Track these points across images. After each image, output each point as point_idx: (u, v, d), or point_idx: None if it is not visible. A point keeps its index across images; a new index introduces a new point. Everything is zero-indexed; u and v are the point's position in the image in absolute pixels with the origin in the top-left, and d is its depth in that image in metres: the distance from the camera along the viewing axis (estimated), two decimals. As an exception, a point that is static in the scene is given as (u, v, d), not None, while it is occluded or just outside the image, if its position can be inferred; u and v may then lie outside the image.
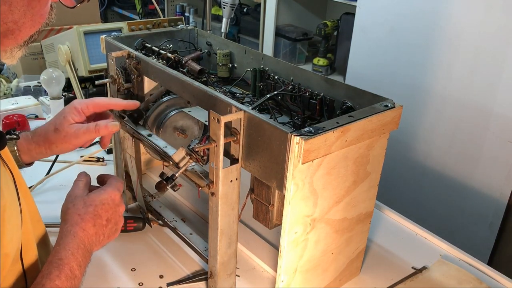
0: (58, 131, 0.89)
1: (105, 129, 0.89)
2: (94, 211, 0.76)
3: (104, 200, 0.78)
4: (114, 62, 1.01)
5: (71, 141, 0.89)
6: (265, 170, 0.77)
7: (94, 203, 0.77)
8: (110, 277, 0.96)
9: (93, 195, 0.79)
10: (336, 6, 2.64)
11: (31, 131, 0.93)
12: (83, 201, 0.77)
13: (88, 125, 0.89)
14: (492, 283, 1.00)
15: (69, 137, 0.88)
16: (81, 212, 0.75)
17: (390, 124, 0.83)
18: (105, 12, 4.25)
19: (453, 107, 1.82)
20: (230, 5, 1.81)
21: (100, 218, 0.76)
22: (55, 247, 0.71)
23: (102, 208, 0.77)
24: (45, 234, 0.79)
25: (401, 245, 1.11)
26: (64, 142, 0.89)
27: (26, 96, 1.62)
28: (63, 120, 0.89)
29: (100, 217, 0.76)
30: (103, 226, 0.77)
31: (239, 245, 1.00)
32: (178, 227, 1.03)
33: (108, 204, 0.79)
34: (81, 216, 0.75)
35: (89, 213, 0.75)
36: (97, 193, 0.79)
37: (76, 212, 0.75)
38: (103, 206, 0.78)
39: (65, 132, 0.88)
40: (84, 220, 0.75)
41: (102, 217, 0.77)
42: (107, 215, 0.78)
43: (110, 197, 0.79)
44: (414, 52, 1.92)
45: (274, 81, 1.02)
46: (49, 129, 0.90)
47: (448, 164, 1.89)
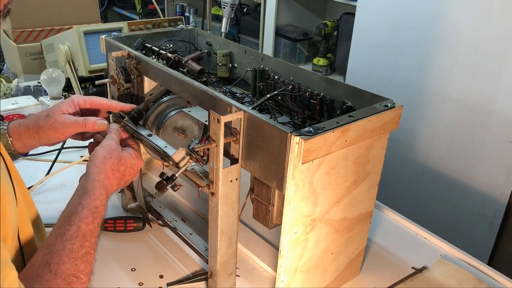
0: (49, 117, 0.91)
1: (92, 125, 0.90)
2: (123, 171, 0.83)
3: (133, 165, 0.86)
4: (114, 62, 1.01)
5: (58, 129, 0.90)
6: (265, 170, 0.77)
7: (125, 164, 0.84)
8: (110, 277, 0.96)
9: (126, 155, 0.86)
10: (336, 6, 2.64)
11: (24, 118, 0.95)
12: (119, 158, 0.84)
13: (77, 118, 0.91)
14: (492, 283, 1.00)
15: (57, 124, 0.90)
16: (114, 168, 0.82)
17: (390, 124, 0.83)
18: (105, 12, 4.24)
19: (453, 107, 1.82)
20: (230, 5, 1.81)
21: (123, 179, 0.84)
22: (87, 192, 0.76)
23: (129, 172, 0.85)
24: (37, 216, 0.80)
25: (401, 245, 1.11)
26: (51, 128, 0.90)
27: (26, 96, 1.62)
28: (57, 109, 0.92)
29: (124, 178, 0.84)
30: (122, 185, 0.85)
31: (239, 245, 1.00)
32: (178, 227, 1.03)
33: (133, 169, 0.86)
34: (113, 172, 0.81)
35: (120, 171, 0.82)
36: (129, 156, 0.86)
37: (111, 166, 0.81)
38: (130, 170, 0.85)
39: (55, 119, 0.90)
40: (115, 177, 0.81)
41: (126, 178, 0.84)
42: (129, 178, 0.85)
43: (137, 163, 0.87)
44: (414, 52, 1.92)
45: (274, 81, 1.02)
46: (42, 114, 0.92)
47: (448, 164, 1.89)
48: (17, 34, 1.90)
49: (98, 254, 1.00)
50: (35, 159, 1.35)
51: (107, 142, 0.85)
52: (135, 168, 0.86)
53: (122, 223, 1.07)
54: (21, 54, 1.89)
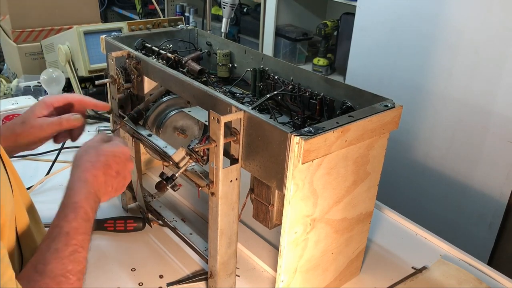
0: (25, 123, 0.90)
1: (67, 122, 0.90)
2: (105, 161, 0.78)
3: (116, 152, 0.80)
4: (114, 62, 1.01)
5: (36, 133, 0.89)
6: (265, 170, 0.77)
7: (106, 153, 0.79)
8: (110, 277, 0.96)
9: (106, 145, 0.81)
10: (336, 6, 2.64)
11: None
12: (95, 150, 0.79)
13: (52, 118, 0.90)
14: (492, 283, 1.00)
15: (34, 129, 0.89)
16: (93, 160, 0.77)
17: (390, 124, 0.83)
18: (105, 12, 4.24)
19: (453, 107, 1.82)
20: (230, 5, 1.81)
21: (110, 169, 0.78)
22: (67, 192, 0.72)
23: (113, 160, 0.79)
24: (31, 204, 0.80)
25: (401, 245, 1.11)
26: (29, 134, 0.89)
27: (26, 96, 1.62)
28: (31, 114, 0.91)
29: (110, 167, 0.78)
30: (113, 177, 0.78)
31: (239, 245, 1.00)
32: (178, 227, 1.03)
33: (119, 157, 0.80)
34: (92, 163, 0.76)
35: (101, 162, 0.77)
36: (110, 145, 0.81)
37: (88, 159, 0.77)
38: (114, 158, 0.79)
39: (31, 124, 0.89)
40: (95, 167, 0.76)
41: (112, 168, 0.78)
42: (117, 168, 0.79)
43: (122, 151, 0.81)
44: (414, 52, 1.92)
45: (274, 81, 1.02)
46: (17, 122, 0.91)
47: (448, 164, 1.89)
48: (17, 34, 1.90)
49: (98, 254, 1.01)
50: (35, 159, 1.35)
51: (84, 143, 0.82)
52: (120, 156, 0.80)
53: (122, 223, 1.07)
54: (21, 54, 1.89)
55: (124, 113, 1.04)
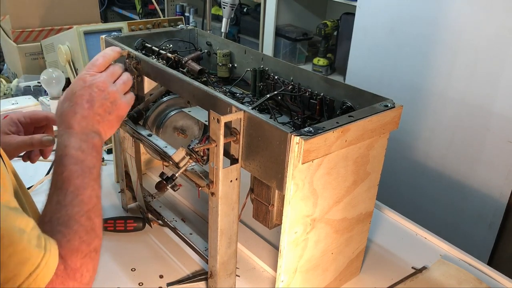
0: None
1: (39, 143, 0.87)
2: (69, 103, 0.75)
3: (72, 89, 0.76)
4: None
5: (6, 151, 0.85)
6: (265, 170, 0.77)
7: (66, 98, 0.75)
8: (110, 277, 0.96)
9: (77, 80, 0.78)
10: (336, 6, 2.64)
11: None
12: (71, 89, 0.77)
13: (23, 137, 0.88)
14: (492, 283, 1.00)
15: (4, 146, 0.86)
16: (68, 98, 0.75)
17: (390, 124, 0.83)
18: (105, 12, 4.24)
19: (453, 107, 1.82)
20: (230, 5, 1.81)
21: (78, 105, 0.74)
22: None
23: (75, 96, 0.75)
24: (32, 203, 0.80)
25: (401, 245, 1.11)
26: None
27: (26, 96, 1.63)
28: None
29: (77, 104, 0.74)
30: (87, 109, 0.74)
31: (239, 245, 1.00)
32: (178, 227, 1.03)
33: (79, 89, 0.76)
34: (60, 115, 0.74)
35: (66, 108, 0.74)
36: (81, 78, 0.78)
37: (64, 100, 0.75)
38: (75, 94, 0.75)
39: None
40: (64, 117, 0.74)
41: (80, 102, 0.74)
42: (85, 98, 0.75)
43: (76, 84, 0.77)
44: (414, 52, 1.92)
45: (274, 81, 1.02)
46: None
47: (448, 164, 1.89)
48: (17, 34, 1.90)
49: (98, 254, 1.01)
50: (35, 159, 1.35)
51: None
52: (100, 85, 0.76)
53: (122, 223, 1.07)
54: (21, 54, 1.89)
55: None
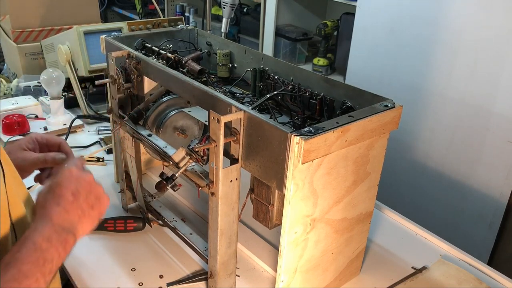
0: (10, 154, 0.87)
1: (52, 160, 0.90)
2: (53, 194, 0.74)
3: (58, 181, 0.76)
4: (114, 62, 1.01)
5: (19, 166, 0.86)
6: (265, 170, 0.77)
7: (51, 189, 0.75)
8: (110, 277, 0.96)
9: (49, 183, 0.77)
10: (336, 6, 2.64)
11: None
12: (46, 192, 0.76)
13: (38, 154, 0.92)
14: (492, 283, 1.00)
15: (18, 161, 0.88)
16: (42, 202, 0.74)
17: (390, 124, 0.83)
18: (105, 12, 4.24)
19: (453, 107, 1.82)
20: (230, 5, 1.81)
21: (62, 197, 0.74)
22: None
23: (60, 188, 0.75)
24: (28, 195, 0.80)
25: (401, 245, 1.11)
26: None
27: (26, 96, 1.62)
28: (17, 146, 0.92)
29: (61, 196, 0.74)
30: (71, 202, 0.74)
31: (239, 245, 1.00)
32: (178, 227, 1.03)
33: (65, 181, 0.76)
34: (42, 204, 0.74)
35: (49, 198, 0.74)
36: (54, 177, 0.78)
37: (39, 205, 0.74)
38: (61, 186, 0.75)
39: (16, 156, 0.89)
40: (46, 206, 0.73)
41: (64, 194, 0.74)
42: (71, 190, 0.75)
43: (64, 174, 0.77)
44: (414, 52, 1.92)
45: (274, 81, 1.02)
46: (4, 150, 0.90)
47: (448, 164, 1.89)
48: (17, 34, 1.90)
49: (98, 254, 1.01)
50: (35, 159, 1.35)
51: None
52: (87, 178, 0.77)
53: (122, 223, 1.07)
54: (21, 54, 1.89)
55: (124, 113, 1.04)
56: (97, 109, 1.64)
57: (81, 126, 1.54)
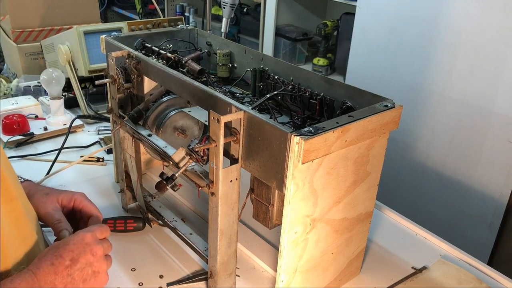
0: (47, 195, 0.88)
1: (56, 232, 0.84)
2: (54, 252, 0.72)
3: (68, 240, 0.74)
4: (114, 62, 1.01)
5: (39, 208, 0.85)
6: (265, 170, 0.77)
7: (57, 245, 0.73)
8: (110, 277, 0.95)
9: (61, 241, 0.75)
10: (336, 6, 2.64)
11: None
12: (49, 248, 0.74)
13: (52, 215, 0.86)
14: (492, 283, 1.00)
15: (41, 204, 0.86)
16: (41, 255, 0.72)
17: (390, 124, 0.83)
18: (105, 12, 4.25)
19: (453, 107, 1.82)
20: (230, 5, 1.81)
21: (60, 258, 0.71)
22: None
23: (64, 249, 0.73)
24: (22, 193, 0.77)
25: (401, 245, 1.11)
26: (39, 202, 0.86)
27: (26, 96, 1.62)
28: (57, 194, 0.89)
29: (60, 256, 0.72)
30: (66, 266, 0.71)
31: (239, 245, 1.00)
32: (178, 227, 1.03)
33: (73, 244, 0.74)
34: (40, 257, 0.71)
35: (49, 254, 0.72)
36: (66, 236, 0.76)
37: (39, 256, 0.72)
38: (66, 247, 0.73)
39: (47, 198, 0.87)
40: (41, 259, 0.71)
41: (64, 257, 0.72)
42: (72, 255, 0.73)
43: (76, 237, 0.75)
44: (414, 52, 1.92)
45: (274, 81, 1.02)
46: (44, 190, 0.90)
47: (448, 164, 1.89)
48: (17, 34, 1.90)
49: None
50: (35, 159, 1.35)
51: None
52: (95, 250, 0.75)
53: (122, 223, 1.07)
54: (21, 54, 1.89)
55: (124, 113, 1.04)
56: (97, 109, 1.64)
57: (81, 126, 1.54)
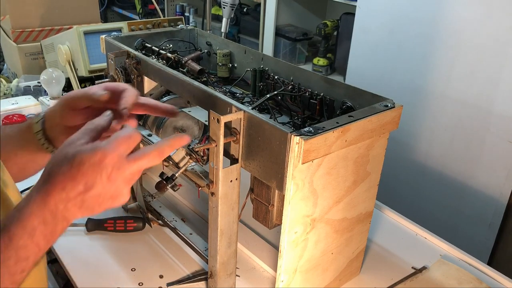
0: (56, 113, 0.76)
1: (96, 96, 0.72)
2: (68, 172, 0.58)
3: (84, 160, 0.58)
4: (114, 62, 1.01)
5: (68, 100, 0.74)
6: (265, 170, 0.77)
7: (70, 163, 0.59)
8: (110, 277, 0.96)
9: (76, 149, 0.60)
10: (336, 6, 2.64)
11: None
12: (61, 157, 0.60)
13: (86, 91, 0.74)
14: (492, 283, 1.00)
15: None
16: (52, 171, 0.59)
17: (390, 124, 0.83)
18: (105, 12, 4.25)
19: (453, 107, 1.82)
20: (230, 5, 1.81)
21: (73, 181, 0.58)
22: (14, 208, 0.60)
23: (78, 170, 0.58)
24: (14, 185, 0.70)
25: (401, 245, 1.11)
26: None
27: (26, 96, 1.62)
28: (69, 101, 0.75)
29: (73, 179, 0.58)
30: (80, 192, 0.58)
31: (239, 245, 1.00)
32: (178, 227, 1.03)
33: (89, 166, 0.58)
34: (49, 175, 0.59)
35: (60, 173, 0.59)
36: (81, 149, 0.60)
37: (47, 170, 0.60)
38: (80, 167, 0.58)
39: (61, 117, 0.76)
40: (51, 181, 0.59)
41: (77, 180, 0.58)
42: (86, 180, 0.58)
43: (93, 157, 0.59)
44: (414, 52, 1.92)
45: (274, 81, 1.02)
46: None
47: (448, 164, 1.89)
48: (17, 34, 1.90)
49: (98, 254, 1.01)
50: (35, 159, 1.35)
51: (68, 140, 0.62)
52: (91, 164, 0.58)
53: (122, 223, 1.07)
54: (21, 54, 1.89)
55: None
56: (97, 109, 1.63)
57: (81, 126, 1.54)
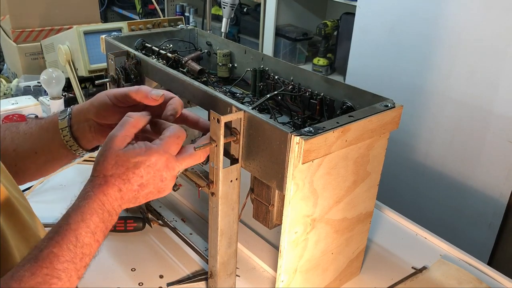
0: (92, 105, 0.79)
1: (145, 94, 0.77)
2: (124, 175, 0.63)
3: (139, 163, 0.64)
4: (114, 62, 1.01)
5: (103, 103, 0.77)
6: (265, 170, 0.77)
7: (126, 165, 0.63)
8: (110, 277, 0.96)
9: (130, 152, 0.64)
10: (336, 6, 2.64)
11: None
12: (115, 158, 0.64)
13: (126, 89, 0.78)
14: (492, 283, 1.00)
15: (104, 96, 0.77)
16: (107, 173, 0.63)
17: (390, 124, 0.83)
18: (105, 12, 4.25)
19: (453, 107, 1.82)
20: (230, 5, 1.81)
21: (128, 183, 0.63)
22: (70, 208, 0.62)
23: (134, 173, 0.63)
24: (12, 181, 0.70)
25: (401, 245, 1.11)
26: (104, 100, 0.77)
27: (26, 96, 1.62)
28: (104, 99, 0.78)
29: (128, 181, 0.63)
30: (134, 191, 0.64)
31: (239, 245, 1.00)
32: (178, 227, 1.03)
33: (144, 169, 0.64)
34: (106, 178, 0.63)
35: (116, 176, 0.63)
36: (135, 152, 0.64)
37: (102, 171, 0.63)
38: (135, 170, 0.63)
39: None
40: (108, 183, 0.63)
41: (132, 182, 0.63)
42: (141, 181, 0.64)
43: (149, 160, 0.64)
44: (414, 52, 1.92)
45: (274, 81, 1.02)
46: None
47: (448, 164, 1.89)
48: (17, 34, 1.90)
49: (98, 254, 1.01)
50: (35, 159, 1.35)
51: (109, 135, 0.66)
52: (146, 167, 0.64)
53: (122, 223, 1.07)
54: (21, 54, 1.89)
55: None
56: (97, 109, 1.63)
57: (81, 126, 1.54)
